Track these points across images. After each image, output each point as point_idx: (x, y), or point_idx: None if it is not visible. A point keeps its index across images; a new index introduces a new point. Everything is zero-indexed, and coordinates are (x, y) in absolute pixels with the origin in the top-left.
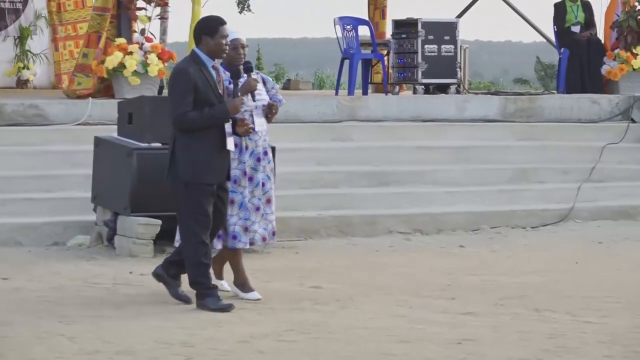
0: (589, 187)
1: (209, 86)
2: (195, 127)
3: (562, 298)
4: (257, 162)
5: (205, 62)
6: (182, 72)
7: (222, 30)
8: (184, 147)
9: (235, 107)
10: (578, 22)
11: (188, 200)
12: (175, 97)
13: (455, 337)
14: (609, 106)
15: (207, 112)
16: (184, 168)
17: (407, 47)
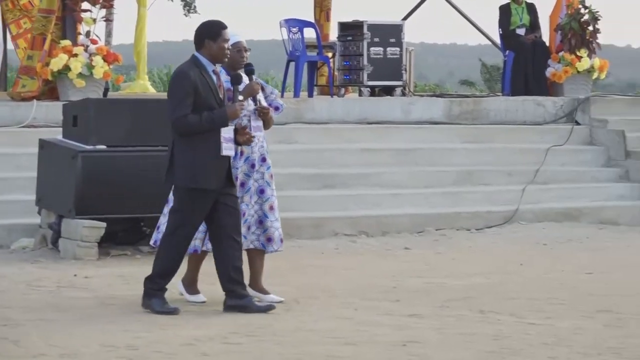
0: (534, 189)
1: (209, 90)
2: (194, 131)
3: (506, 300)
4: (251, 168)
5: (206, 66)
6: (183, 75)
7: (225, 34)
8: (182, 151)
9: (234, 112)
10: (523, 25)
11: (182, 205)
12: (175, 100)
13: (400, 339)
14: (553, 108)
15: (206, 116)
16: (182, 173)
17: (352, 50)
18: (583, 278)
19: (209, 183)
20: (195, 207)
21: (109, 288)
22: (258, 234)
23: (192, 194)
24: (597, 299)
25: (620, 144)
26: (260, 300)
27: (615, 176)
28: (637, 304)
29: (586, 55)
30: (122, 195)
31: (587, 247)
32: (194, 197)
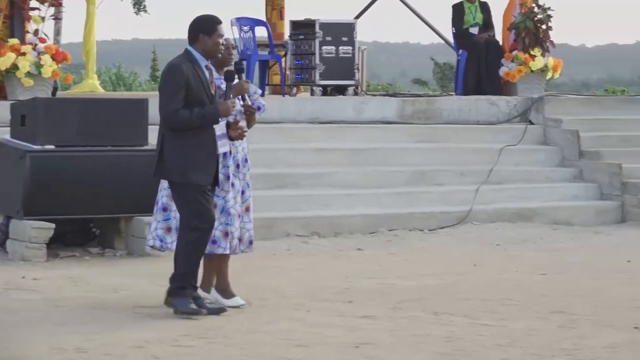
0: (487, 189)
1: (201, 85)
2: (185, 127)
3: (459, 301)
4: (236, 168)
5: (199, 61)
6: (175, 69)
7: (220, 29)
8: (173, 146)
9: (226, 109)
10: (476, 24)
11: (182, 200)
12: (167, 94)
13: (352, 341)
14: (507, 108)
15: (197, 112)
16: (174, 169)
17: (304, 49)
18: (537, 279)
19: (200, 179)
20: (194, 199)
21: (58, 290)
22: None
23: (186, 189)
24: (551, 300)
25: (574, 144)
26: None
27: (569, 176)
28: (591, 305)
29: (540, 54)
30: (71, 195)
31: (541, 247)
32: (189, 191)
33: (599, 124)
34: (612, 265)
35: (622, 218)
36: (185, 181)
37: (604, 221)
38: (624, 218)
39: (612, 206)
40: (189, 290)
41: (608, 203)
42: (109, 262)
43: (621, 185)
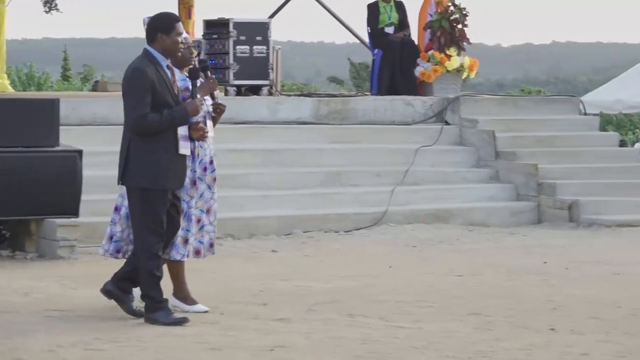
0: (403, 190)
1: (165, 87)
2: (155, 131)
3: (375, 303)
4: (203, 171)
5: (160, 62)
6: (139, 72)
7: (178, 27)
8: (140, 151)
9: (195, 108)
10: (392, 23)
11: (144, 209)
12: (133, 98)
13: (267, 344)
14: (422, 108)
15: (166, 114)
16: (142, 174)
17: (218, 48)
18: (453, 280)
19: (169, 184)
20: (157, 207)
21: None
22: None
23: (152, 196)
24: (466, 301)
25: (490, 144)
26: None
27: (485, 177)
28: (507, 306)
29: (456, 54)
30: None
31: (457, 248)
32: (154, 199)
33: (515, 125)
34: (528, 267)
35: (538, 219)
36: (155, 187)
37: (520, 222)
38: (539, 219)
39: (528, 207)
40: (164, 303)
41: (524, 204)
42: (20, 265)
43: (537, 186)
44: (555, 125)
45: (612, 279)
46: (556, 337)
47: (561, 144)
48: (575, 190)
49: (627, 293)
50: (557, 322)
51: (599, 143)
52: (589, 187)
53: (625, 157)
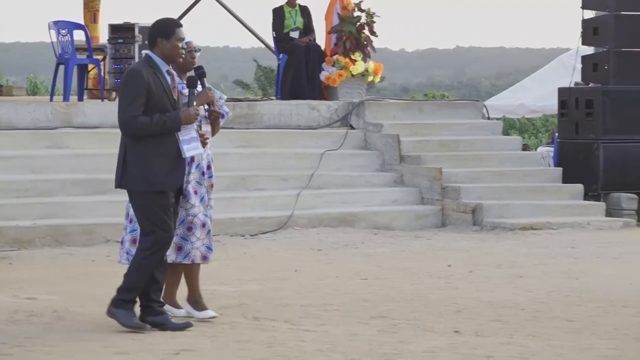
0: (308, 194)
1: (163, 91)
2: (144, 133)
3: (281, 306)
4: (201, 176)
5: (159, 66)
6: (135, 74)
7: (179, 32)
8: (136, 155)
9: (189, 116)
10: (297, 28)
11: (143, 210)
12: (126, 100)
13: (173, 348)
14: (327, 112)
15: (158, 119)
16: (138, 176)
17: (124, 52)
18: (358, 284)
19: (166, 184)
20: (158, 208)
21: None
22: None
23: (150, 198)
24: (371, 304)
25: (394, 149)
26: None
27: (390, 181)
28: (412, 309)
29: (361, 58)
30: None
31: (362, 252)
32: (152, 200)
33: (419, 129)
34: (432, 270)
35: (442, 222)
36: (151, 188)
37: (424, 225)
38: (444, 222)
39: (432, 210)
40: (132, 305)
41: (428, 207)
42: None
43: (441, 190)
44: (459, 129)
45: (514, 281)
46: (460, 340)
47: (465, 148)
48: (478, 193)
49: (529, 295)
50: (461, 324)
51: (502, 147)
52: (492, 190)
53: (527, 161)
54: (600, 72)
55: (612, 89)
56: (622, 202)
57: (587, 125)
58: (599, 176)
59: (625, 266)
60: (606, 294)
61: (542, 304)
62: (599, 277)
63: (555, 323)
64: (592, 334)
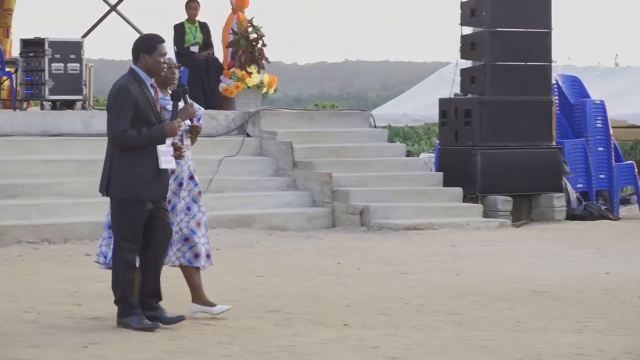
0: (208, 197)
1: (148, 104)
2: (133, 146)
3: (182, 302)
4: (178, 186)
5: (144, 80)
6: (123, 89)
7: (161, 48)
8: (121, 163)
9: (173, 130)
10: (197, 43)
11: (123, 219)
12: (115, 114)
13: (82, 341)
14: (225, 121)
15: (145, 133)
16: (122, 185)
17: (34, 65)
18: (254, 281)
19: (147, 194)
20: (135, 218)
21: None
22: (183, 251)
23: (130, 207)
24: (267, 300)
25: (288, 155)
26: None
27: (284, 185)
28: (305, 304)
29: (256, 71)
30: None
31: (258, 251)
32: (132, 209)
33: (311, 136)
34: (323, 267)
35: (332, 223)
36: (135, 197)
37: (315, 226)
38: (334, 223)
39: (323, 212)
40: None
41: (319, 209)
42: None
43: (331, 193)
44: (348, 137)
45: (399, 278)
46: (349, 332)
47: (353, 154)
48: (366, 196)
49: (413, 291)
50: (350, 318)
51: (388, 153)
52: (378, 194)
53: (411, 166)
54: (477, 84)
55: (488, 99)
56: (498, 204)
57: (465, 133)
58: (476, 180)
59: (501, 263)
60: (484, 289)
61: (425, 298)
62: (477, 273)
63: (437, 316)
64: (471, 326)
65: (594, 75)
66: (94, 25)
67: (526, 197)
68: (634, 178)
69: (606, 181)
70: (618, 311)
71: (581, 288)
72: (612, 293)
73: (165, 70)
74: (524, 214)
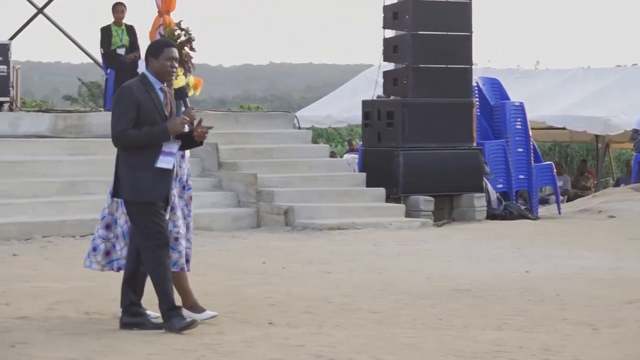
0: None
1: (154, 107)
2: (135, 145)
3: (109, 301)
4: (182, 189)
5: (152, 84)
6: (125, 91)
7: (168, 52)
8: (125, 165)
9: (175, 126)
10: (123, 45)
11: (137, 219)
12: (116, 115)
13: (9, 341)
14: None
15: (146, 130)
16: (126, 187)
17: None
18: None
19: (150, 195)
20: (149, 217)
21: None
22: None
23: (141, 208)
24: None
25: (213, 156)
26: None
27: (209, 185)
28: (230, 303)
29: (182, 73)
30: None
31: None
32: (144, 210)
33: (236, 138)
34: (248, 267)
35: (257, 223)
36: (137, 199)
37: (240, 226)
38: (258, 223)
39: (248, 213)
40: (178, 309)
41: (244, 210)
42: None
43: (256, 194)
44: (273, 138)
45: (323, 277)
46: (274, 331)
47: (278, 155)
48: (290, 197)
49: (336, 290)
50: (275, 317)
51: (312, 154)
52: (302, 194)
53: (334, 167)
54: (399, 86)
55: (410, 101)
56: (420, 204)
57: (388, 134)
58: (399, 180)
59: (423, 262)
60: (406, 288)
61: (349, 297)
62: (399, 272)
63: (360, 314)
64: (393, 324)
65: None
66: (22, 28)
67: (447, 197)
68: (553, 178)
69: (525, 181)
70: (537, 309)
71: (501, 286)
72: (531, 291)
73: (174, 73)
74: (445, 214)
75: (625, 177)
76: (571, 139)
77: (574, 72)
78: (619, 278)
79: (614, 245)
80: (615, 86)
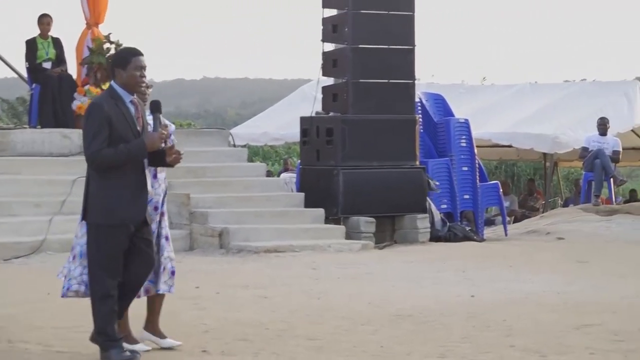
0: (61, 219)
1: (125, 122)
2: (111, 165)
3: (33, 329)
4: (154, 210)
5: (122, 97)
6: (95, 108)
7: (136, 61)
8: (98, 187)
9: (154, 142)
10: (49, 59)
11: (98, 245)
12: (89, 134)
13: None
14: (79, 140)
15: (122, 148)
16: (96, 209)
17: None
18: None
19: (126, 217)
20: (112, 245)
21: None
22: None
23: (106, 232)
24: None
25: None
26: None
27: None
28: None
29: None
30: None
31: None
32: (108, 235)
33: None
34: (181, 291)
35: (191, 246)
36: (111, 221)
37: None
38: (192, 246)
39: (181, 234)
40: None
41: (177, 232)
42: None
43: (189, 215)
44: (206, 156)
45: (260, 301)
46: (208, 358)
47: (212, 174)
48: (225, 218)
49: (273, 315)
50: (209, 344)
51: (247, 173)
52: (238, 215)
53: (271, 186)
54: (339, 101)
55: (350, 117)
56: (360, 226)
57: (327, 152)
58: (339, 201)
59: (364, 286)
60: (346, 313)
61: (286, 322)
62: (339, 296)
63: (298, 341)
64: (332, 352)
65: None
66: None
67: (389, 219)
68: (499, 198)
69: (471, 202)
70: (482, 335)
71: (445, 311)
72: (476, 316)
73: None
74: (387, 236)
75: (574, 197)
76: (518, 157)
77: (521, 87)
78: (567, 302)
79: (562, 268)
80: (564, 102)
